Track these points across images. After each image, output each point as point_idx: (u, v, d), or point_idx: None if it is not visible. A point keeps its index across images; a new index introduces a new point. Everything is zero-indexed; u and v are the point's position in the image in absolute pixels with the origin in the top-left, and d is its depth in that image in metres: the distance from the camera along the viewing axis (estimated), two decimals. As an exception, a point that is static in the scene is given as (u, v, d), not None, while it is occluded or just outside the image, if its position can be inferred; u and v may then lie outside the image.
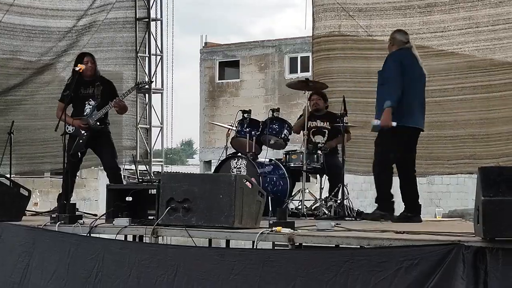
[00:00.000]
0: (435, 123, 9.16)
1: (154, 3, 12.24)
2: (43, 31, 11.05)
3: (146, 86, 11.53)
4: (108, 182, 8.14)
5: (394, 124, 7.19)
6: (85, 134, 8.30)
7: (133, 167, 13.06)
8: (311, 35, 10.45)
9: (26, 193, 7.52)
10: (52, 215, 7.04)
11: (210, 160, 29.84)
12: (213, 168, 27.21)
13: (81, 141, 8.29)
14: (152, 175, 11.92)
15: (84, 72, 8.24)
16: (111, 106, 8.37)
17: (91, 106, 8.35)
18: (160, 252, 5.90)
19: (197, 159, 38.51)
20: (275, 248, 6.72)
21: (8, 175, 8.22)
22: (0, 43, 10.75)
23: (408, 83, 7.29)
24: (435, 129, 9.13)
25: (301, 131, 8.44)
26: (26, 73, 10.99)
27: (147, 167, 12.26)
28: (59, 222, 6.73)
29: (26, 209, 7.83)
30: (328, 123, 8.79)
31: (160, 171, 12.71)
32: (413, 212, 7.39)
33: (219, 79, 31.51)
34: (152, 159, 12.48)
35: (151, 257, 5.85)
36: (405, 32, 7.70)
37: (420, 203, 7.47)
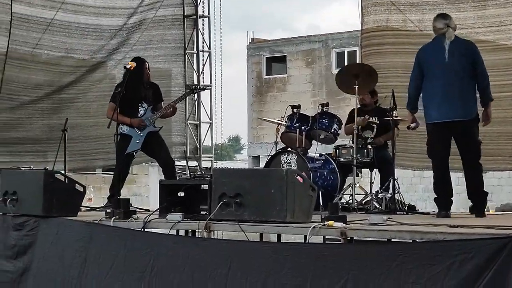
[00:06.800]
0: (494, 119, 9.00)
1: (202, 0, 12.34)
2: (96, 29, 11.17)
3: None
4: (160, 178, 8.26)
5: None
6: (141, 134, 8.46)
7: (182, 163, 13.19)
8: (360, 29, 10.38)
9: (81, 189, 7.61)
10: (107, 210, 7.14)
11: (259, 156, 29.90)
12: (262, 163, 27.28)
13: (137, 141, 8.45)
14: (203, 171, 12.03)
15: (144, 77, 8.50)
16: (168, 108, 8.56)
17: (144, 109, 8.52)
18: (213, 246, 5.96)
19: (245, 155, 38.59)
20: (326, 242, 6.73)
21: (63, 172, 8.36)
22: (55, 40, 10.88)
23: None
24: (495, 125, 8.95)
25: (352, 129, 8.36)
26: (79, 71, 11.10)
27: (198, 162, 12.36)
28: (114, 217, 6.82)
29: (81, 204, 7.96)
30: (376, 118, 8.64)
31: (209, 166, 12.81)
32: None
33: (266, 75, 31.55)
34: (202, 155, 12.57)
35: (204, 251, 5.91)
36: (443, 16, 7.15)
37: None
